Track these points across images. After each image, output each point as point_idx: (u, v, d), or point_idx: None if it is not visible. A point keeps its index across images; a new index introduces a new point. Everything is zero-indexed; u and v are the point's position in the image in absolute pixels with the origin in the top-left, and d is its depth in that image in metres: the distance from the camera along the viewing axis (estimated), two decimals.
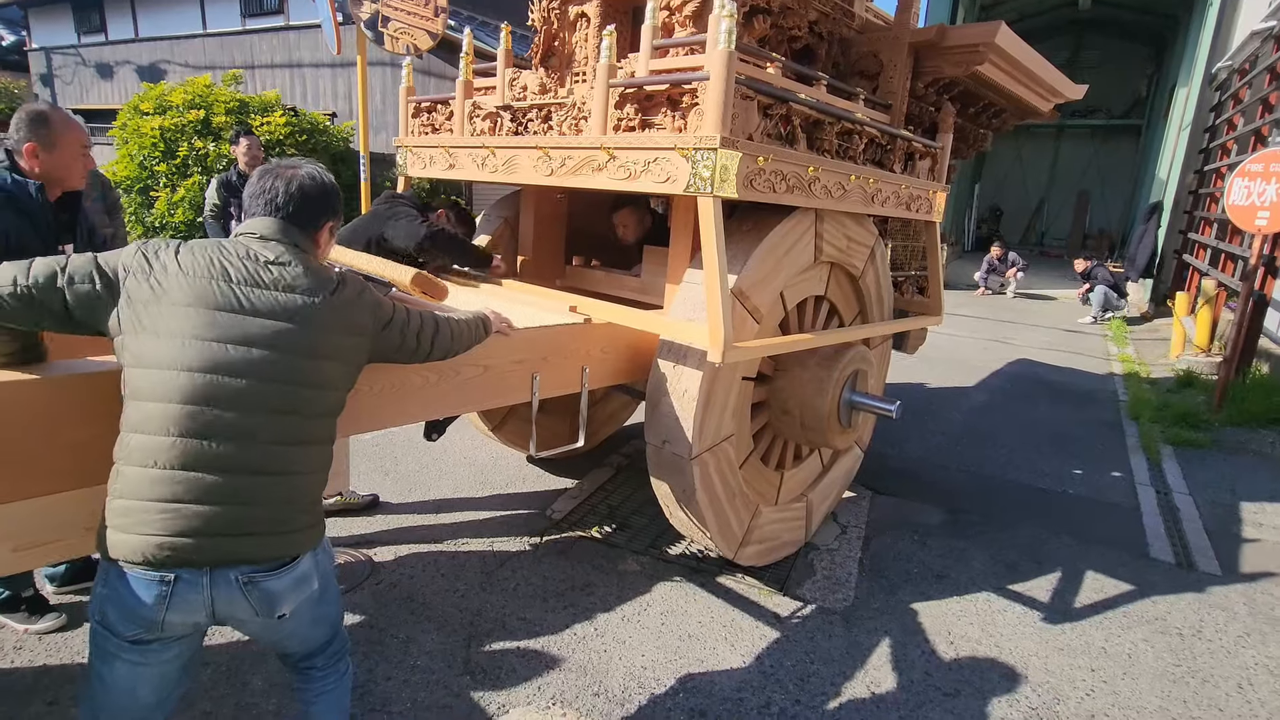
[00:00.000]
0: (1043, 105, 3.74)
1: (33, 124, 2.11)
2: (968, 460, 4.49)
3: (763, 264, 2.53)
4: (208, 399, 1.27)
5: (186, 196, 6.88)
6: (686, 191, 2.21)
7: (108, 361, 1.50)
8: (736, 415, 2.70)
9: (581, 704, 2.21)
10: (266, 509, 1.33)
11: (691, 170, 2.18)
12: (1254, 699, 2.42)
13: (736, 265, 2.47)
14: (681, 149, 2.19)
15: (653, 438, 2.58)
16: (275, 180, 1.45)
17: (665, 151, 2.24)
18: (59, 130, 2.15)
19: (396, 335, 1.60)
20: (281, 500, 1.35)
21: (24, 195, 2.13)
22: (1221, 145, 9.09)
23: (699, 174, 2.16)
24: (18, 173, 2.14)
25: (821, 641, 2.59)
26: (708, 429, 2.50)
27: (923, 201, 3.22)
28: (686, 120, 2.26)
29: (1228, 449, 4.90)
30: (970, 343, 8.02)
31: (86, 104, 14.31)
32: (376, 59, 10.64)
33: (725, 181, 2.15)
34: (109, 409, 1.36)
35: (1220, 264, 7.95)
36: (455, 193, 9.52)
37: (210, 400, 1.27)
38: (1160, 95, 15.99)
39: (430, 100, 3.33)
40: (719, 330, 2.22)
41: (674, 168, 2.23)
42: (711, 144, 2.12)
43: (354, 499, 3.29)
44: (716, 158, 2.12)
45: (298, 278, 1.38)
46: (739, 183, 2.18)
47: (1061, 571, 3.19)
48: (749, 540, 2.85)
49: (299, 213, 1.45)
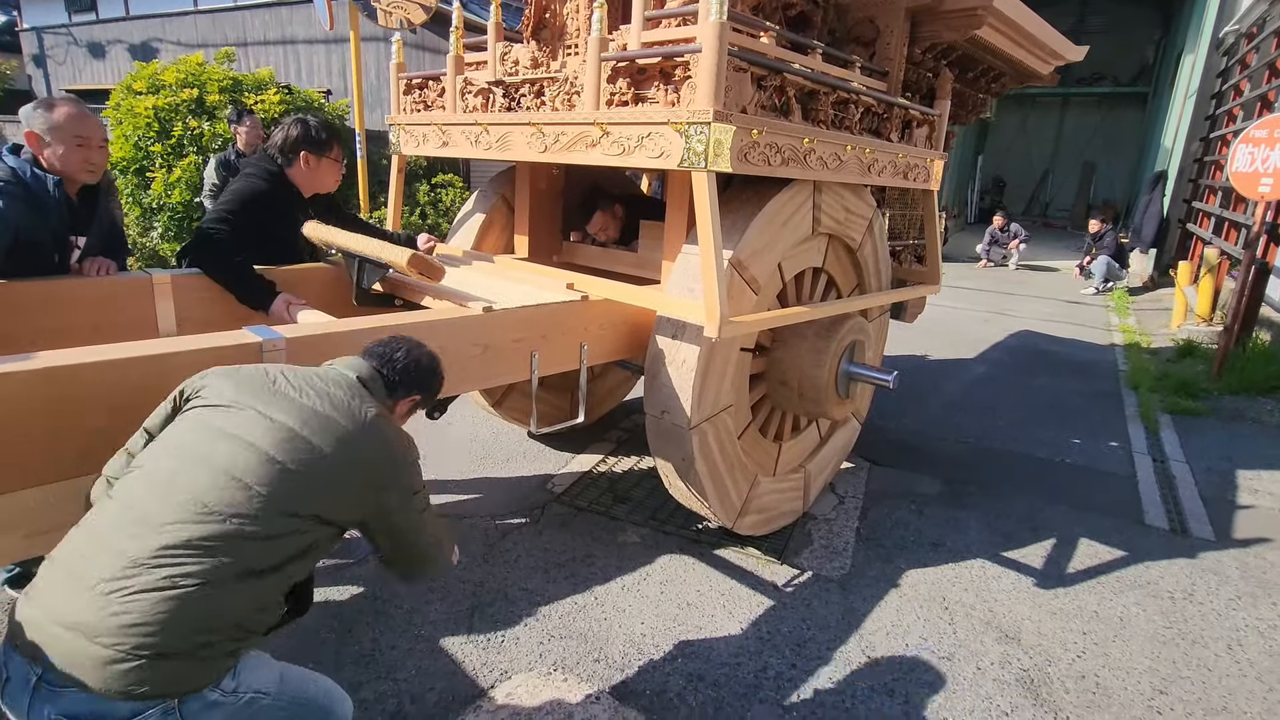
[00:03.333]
0: (1043, 68, 3.70)
1: (35, 112, 2.15)
2: (966, 431, 4.52)
3: (761, 234, 2.53)
4: None
5: (183, 177, 6.84)
6: (680, 167, 2.20)
7: (117, 349, 1.53)
8: (735, 386, 2.72)
9: (582, 670, 2.26)
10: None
11: (685, 145, 2.16)
12: (1243, 659, 2.47)
13: (734, 236, 2.47)
14: (675, 123, 2.17)
15: (652, 409, 2.60)
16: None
17: (658, 126, 2.23)
18: (55, 120, 2.15)
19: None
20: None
21: (41, 189, 2.15)
22: (1227, 112, 8.96)
23: (693, 149, 2.15)
24: (39, 167, 2.17)
25: (818, 608, 2.64)
26: (706, 399, 2.52)
27: (920, 170, 3.20)
28: (679, 94, 2.24)
29: (1226, 417, 4.92)
30: (971, 315, 8.01)
31: (80, 84, 14.18)
32: (370, 34, 10.49)
33: (719, 156, 2.14)
34: (120, 400, 1.41)
35: (1224, 232, 7.89)
36: (452, 170, 9.46)
37: None
38: (1167, 62, 15.71)
39: (421, 77, 3.30)
40: (715, 305, 2.23)
41: (667, 143, 2.21)
42: (705, 118, 2.10)
43: None
44: (710, 132, 2.10)
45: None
46: (733, 156, 2.17)
47: (1056, 539, 3.23)
48: (748, 510, 2.88)
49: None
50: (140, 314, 2.38)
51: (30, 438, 1.41)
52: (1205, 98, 10.04)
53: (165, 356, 1.59)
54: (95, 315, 2.28)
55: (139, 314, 2.37)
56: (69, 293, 2.25)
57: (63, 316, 2.22)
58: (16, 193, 2.10)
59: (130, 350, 1.57)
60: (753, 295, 2.57)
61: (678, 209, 2.74)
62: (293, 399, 1.34)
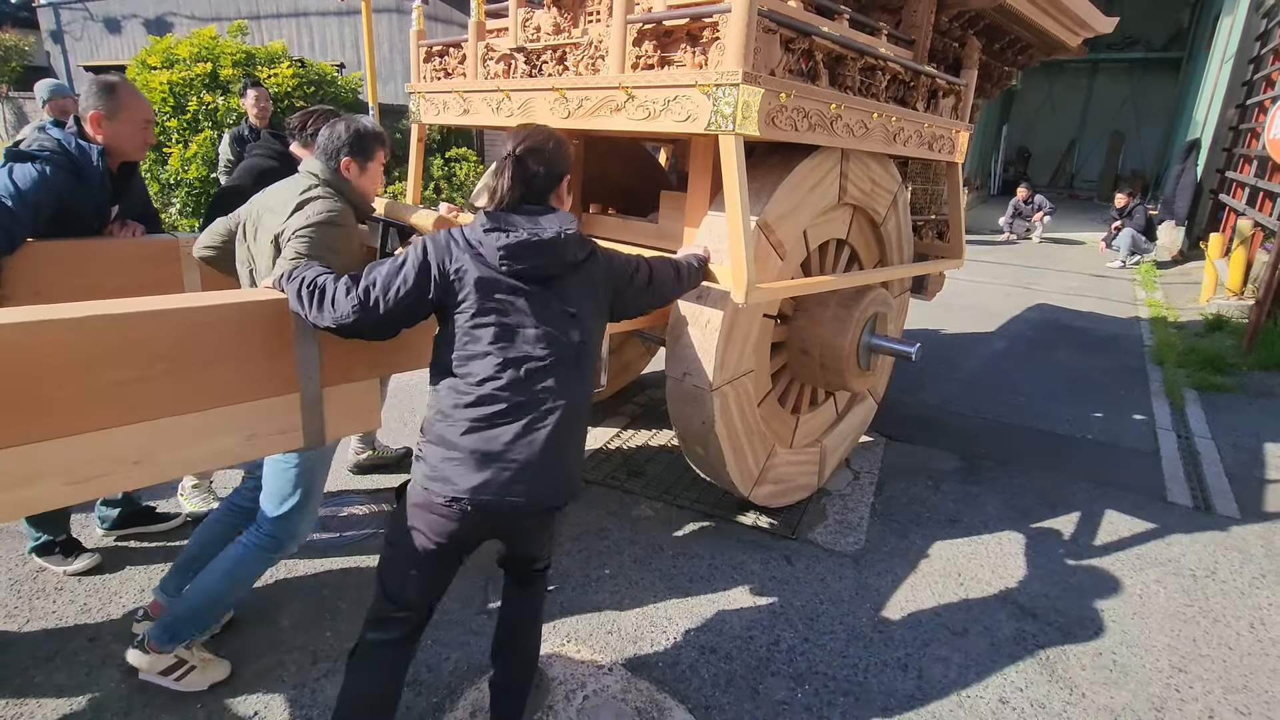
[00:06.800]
0: (1071, 40, 3.56)
1: (100, 93, 2.22)
2: (985, 407, 4.45)
3: (789, 198, 2.51)
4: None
5: (199, 152, 6.86)
6: (708, 130, 2.16)
7: (143, 302, 1.54)
8: (757, 352, 2.72)
9: (595, 641, 2.28)
10: None
11: (713, 108, 2.12)
12: (1265, 638, 2.43)
13: (761, 200, 2.45)
14: (702, 85, 2.13)
15: (673, 371, 2.60)
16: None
17: (685, 89, 2.19)
18: (124, 102, 2.25)
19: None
20: None
21: (85, 161, 2.22)
22: (1266, 77, 8.62)
23: (720, 111, 2.11)
24: (83, 138, 2.23)
25: (831, 583, 2.63)
26: (729, 362, 2.52)
27: (945, 141, 3.13)
28: (707, 56, 2.19)
29: (1255, 393, 4.80)
30: (992, 289, 7.87)
31: (98, 60, 14.20)
32: (382, 5, 10.37)
33: (747, 119, 2.10)
34: (146, 349, 1.44)
35: (1258, 203, 7.64)
36: (466, 143, 9.39)
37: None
38: (1203, 25, 15.12)
39: (442, 44, 3.26)
40: (742, 270, 2.21)
41: (694, 105, 2.18)
42: (734, 79, 2.06)
43: (387, 453, 3.35)
44: (739, 94, 2.06)
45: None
46: (761, 120, 2.13)
47: (1076, 515, 3.19)
48: (764, 479, 2.88)
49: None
50: (167, 275, 2.47)
51: (65, 386, 1.43)
52: (1243, 62, 9.67)
53: (196, 310, 1.60)
54: (123, 276, 2.36)
55: (166, 275, 2.46)
56: (99, 253, 2.35)
57: (93, 276, 2.31)
58: (62, 162, 2.17)
59: (172, 302, 1.59)
60: (778, 260, 2.55)
61: (701, 177, 2.71)
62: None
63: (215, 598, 1.98)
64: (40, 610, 2.29)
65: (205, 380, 1.58)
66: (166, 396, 1.52)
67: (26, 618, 2.26)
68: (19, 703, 1.94)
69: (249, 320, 1.63)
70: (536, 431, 1.52)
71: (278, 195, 1.88)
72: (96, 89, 2.23)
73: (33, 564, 2.48)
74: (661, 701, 2.05)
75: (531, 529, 1.74)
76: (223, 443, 1.64)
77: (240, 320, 1.61)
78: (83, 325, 1.42)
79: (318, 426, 1.79)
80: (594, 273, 1.65)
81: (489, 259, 1.51)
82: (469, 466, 1.50)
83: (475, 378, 1.52)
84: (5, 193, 2.08)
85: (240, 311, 1.62)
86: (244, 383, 1.64)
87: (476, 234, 1.53)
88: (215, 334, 1.58)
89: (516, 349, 1.52)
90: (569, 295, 1.57)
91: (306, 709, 1.97)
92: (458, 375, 1.54)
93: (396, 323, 1.57)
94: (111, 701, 1.95)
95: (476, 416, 1.51)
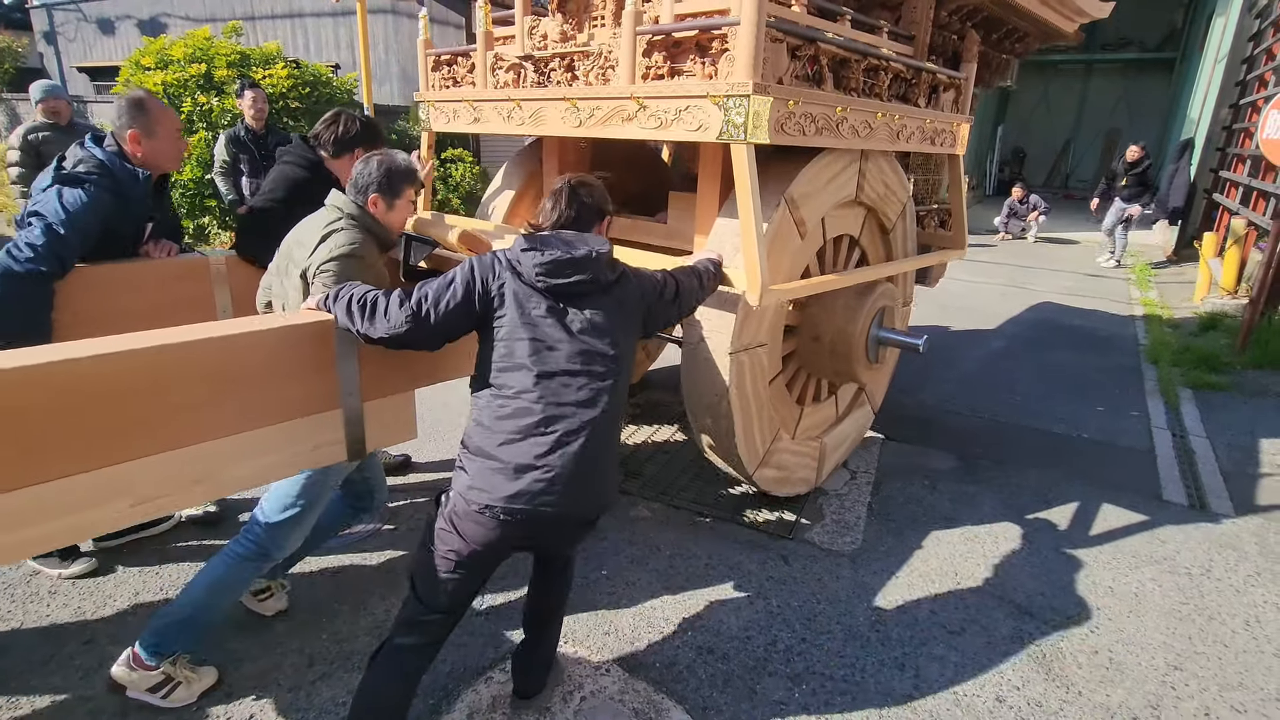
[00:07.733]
0: (1067, 26, 3.61)
1: (133, 111, 2.20)
2: (981, 406, 4.46)
3: (814, 180, 2.60)
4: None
5: (194, 153, 6.83)
6: (720, 139, 2.21)
7: (205, 328, 1.60)
8: (771, 329, 2.77)
9: (592, 642, 2.28)
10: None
11: (724, 118, 2.17)
12: (1260, 635, 2.44)
13: (784, 183, 2.52)
14: (714, 96, 2.18)
15: (690, 338, 2.62)
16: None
17: (697, 100, 2.23)
18: (158, 117, 2.25)
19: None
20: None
21: (130, 182, 2.21)
22: (1259, 77, 8.66)
23: (731, 121, 2.16)
24: (125, 160, 2.22)
25: (829, 582, 2.63)
26: (747, 330, 2.55)
27: (947, 135, 3.17)
28: (716, 66, 2.24)
29: (1249, 392, 4.82)
30: (988, 289, 7.88)
31: (91, 61, 14.14)
32: (377, 7, 10.35)
33: (758, 128, 2.15)
34: (210, 373, 1.51)
35: (1252, 202, 7.67)
36: (461, 145, 9.38)
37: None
38: (1197, 25, 15.18)
39: (450, 53, 3.26)
40: (756, 272, 2.25)
41: (706, 115, 2.22)
42: (744, 90, 2.10)
43: (386, 459, 3.34)
44: (749, 104, 2.11)
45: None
46: (771, 128, 2.17)
47: (1072, 514, 3.20)
48: (768, 461, 2.90)
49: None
50: (199, 294, 2.49)
51: (135, 412, 1.47)
52: (1236, 62, 9.70)
53: (255, 334, 1.65)
54: (157, 295, 2.38)
55: (197, 294, 2.49)
56: (134, 274, 2.36)
57: (128, 298, 2.33)
58: (108, 185, 2.16)
59: (232, 327, 1.66)
60: (799, 239, 2.61)
61: (710, 182, 2.74)
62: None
63: (201, 608, 1.95)
64: (34, 614, 2.28)
65: (260, 399, 1.65)
66: (226, 416, 1.59)
67: (20, 621, 2.25)
68: (13, 706, 1.93)
69: (299, 341, 1.70)
70: (570, 443, 1.58)
71: (307, 229, 1.95)
72: (129, 107, 2.20)
73: (26, 567, 2.47)
74: (659, 702, 2.04)
75: (565, 539, 1.82)
76: (274, 458, 1.72)
77: (292, 341, 1.68)
78: (159, 354, 1.47)
79: (359, 438, 1.87)
80: (626, 292, 1.75)
81: (526, 276, 1.62)
82: (505, 476, 1.57)
83: (511, 390, 1.60)
84: (56, 219, 2.06)
85: (293, 333, 1.69)
86: (293, 400, 1.71)
87: (516, 253, 1.65)
88: (270, 355, 1.64)
89: (552, 363, 1.60)
90: (603, 313, 1.66)
91: (302, 712, 1.96)
92: (495, 387, 1.63)
93: (444, 334, 1.67)
94: (107, 704, 1.94)
95: (513, 428, 1.59)
